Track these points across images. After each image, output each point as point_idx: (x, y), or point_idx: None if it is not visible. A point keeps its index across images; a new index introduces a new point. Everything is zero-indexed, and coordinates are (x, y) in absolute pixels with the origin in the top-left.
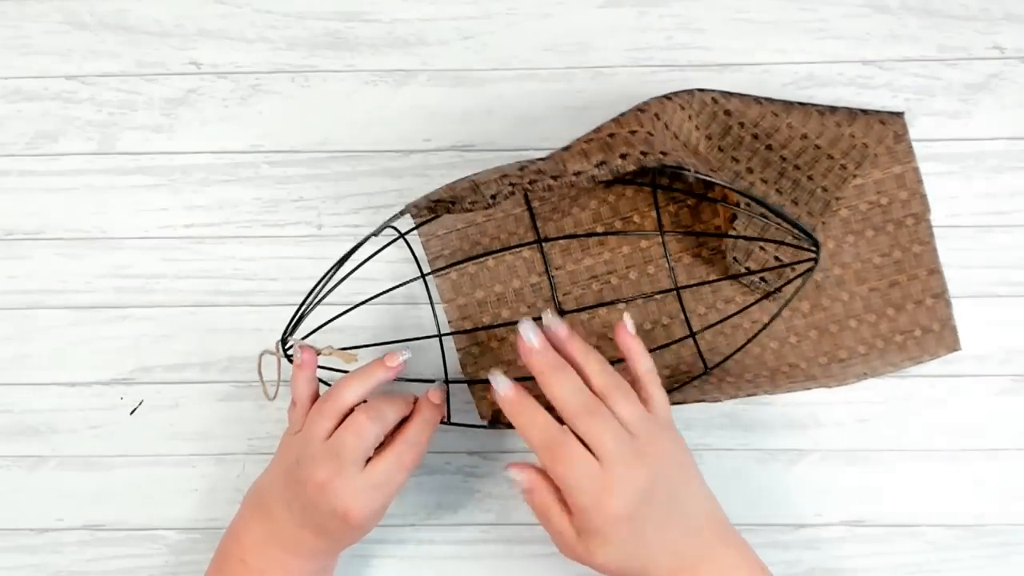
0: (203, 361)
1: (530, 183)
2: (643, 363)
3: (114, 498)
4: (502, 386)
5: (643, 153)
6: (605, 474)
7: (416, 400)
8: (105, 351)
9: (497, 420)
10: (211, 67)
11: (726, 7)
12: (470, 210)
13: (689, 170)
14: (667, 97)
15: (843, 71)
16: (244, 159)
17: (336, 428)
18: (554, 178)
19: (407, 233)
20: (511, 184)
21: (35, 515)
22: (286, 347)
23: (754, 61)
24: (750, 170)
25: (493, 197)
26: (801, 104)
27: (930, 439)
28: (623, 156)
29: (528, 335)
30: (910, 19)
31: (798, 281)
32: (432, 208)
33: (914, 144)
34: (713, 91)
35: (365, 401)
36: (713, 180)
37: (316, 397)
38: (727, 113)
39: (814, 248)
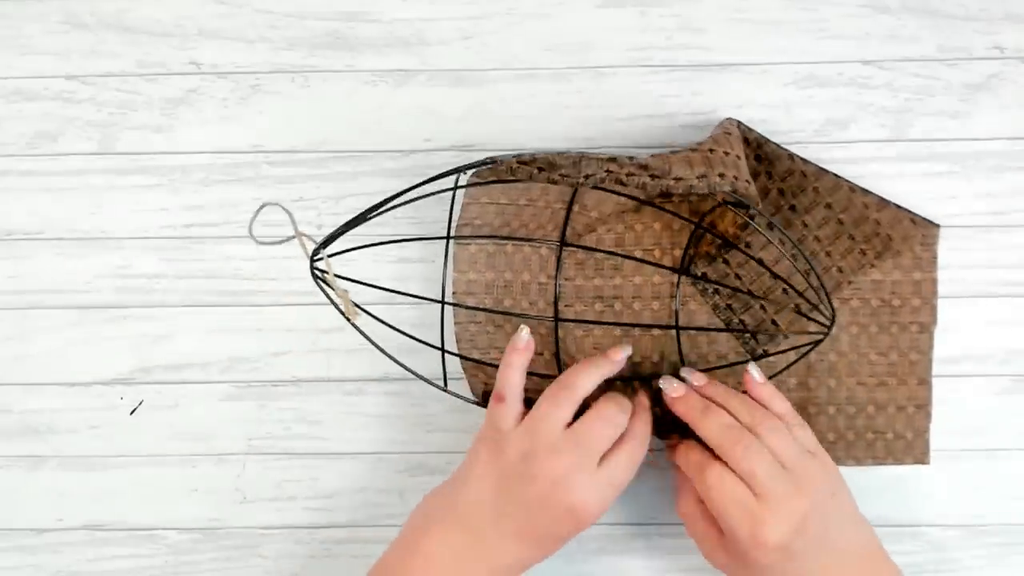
0: (203, 361)
1: (627, 175)
2: (780, 405)
3: (114, 498)
4: (675, 389)
5: (735, 178)
6: (760, 505)
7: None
8: (105, 351)
9: (486, 397)
10: (211, 67)
11: (726, 7)
12: (555, 181)
13: (758, 209)
14: (730, 120)
15: (843, 71)
16: (244, 159)
17: (573, 419)
18: (653, 176)
19: (461, 187)
20: (608, 170)
21: (35, 515)
22: (315, 259)
23: (754, 61)
24: (771, 227)
25: (587, 176)
26: (836, 175)
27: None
28: (721, 175)
29: (669, 385)
30: (910, 19)
31: (794, 353)
32: (525, 163)
33: (914, 144)
34: (753, 130)
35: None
36: (774, 224)
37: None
38: (759, 159)
39: (828, 324)
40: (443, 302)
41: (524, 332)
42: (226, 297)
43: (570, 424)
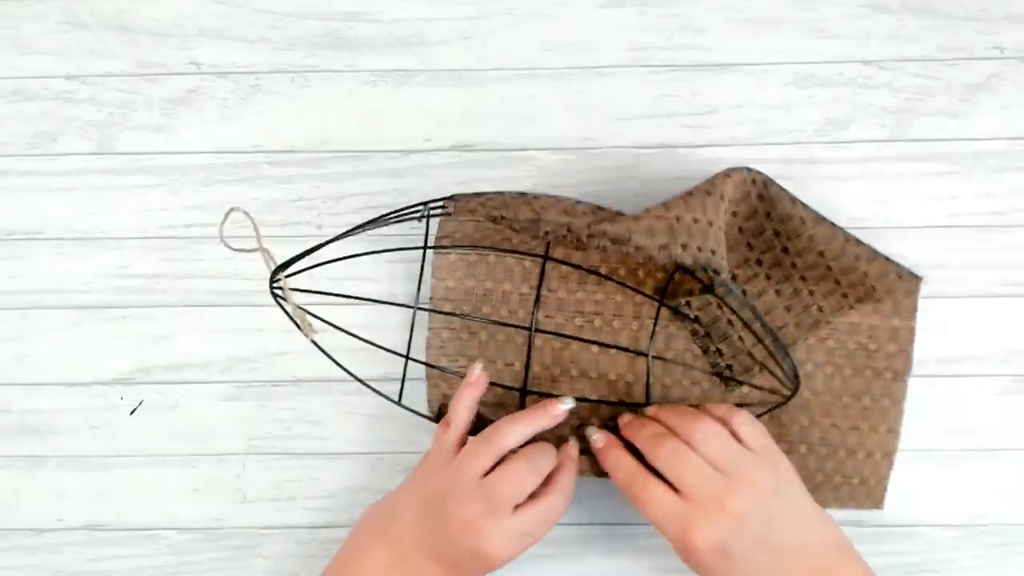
0: (203, 361)
1: (588, 236)
2: (719, 408)
3: (114, 498)
4: (598, 440)
5: (699, 248)
6: (689, 508)
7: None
8: (105, 351)
9: (441, 414)
10: (211, 67)
11: (726, 7)
12: (516, 230)
13: (723, 280)
14: (727, 174)
15: (843, 71)
16: (244, 159)
17: (492, 469)
18: (613, 241)
19: (432, 216)
20: (569, 230)
21: (35, 515)
22: (273, 283)
23: (754, 61)
24: (760, 262)
25: (547, 233)
26: (832, 224)
27: (930, 439)
28: (684, 246)
29: (592, 436)
30: (910, 19)
31: (759, 407)
32: (490, 217)
33: (914, 144)
34: (762, 174)
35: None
36: (734, 290)
37: (472, 423)
38: (761, 198)
39: (790, 390)
40: (416, 307)
41: (477, 367)
42: (226, 297)
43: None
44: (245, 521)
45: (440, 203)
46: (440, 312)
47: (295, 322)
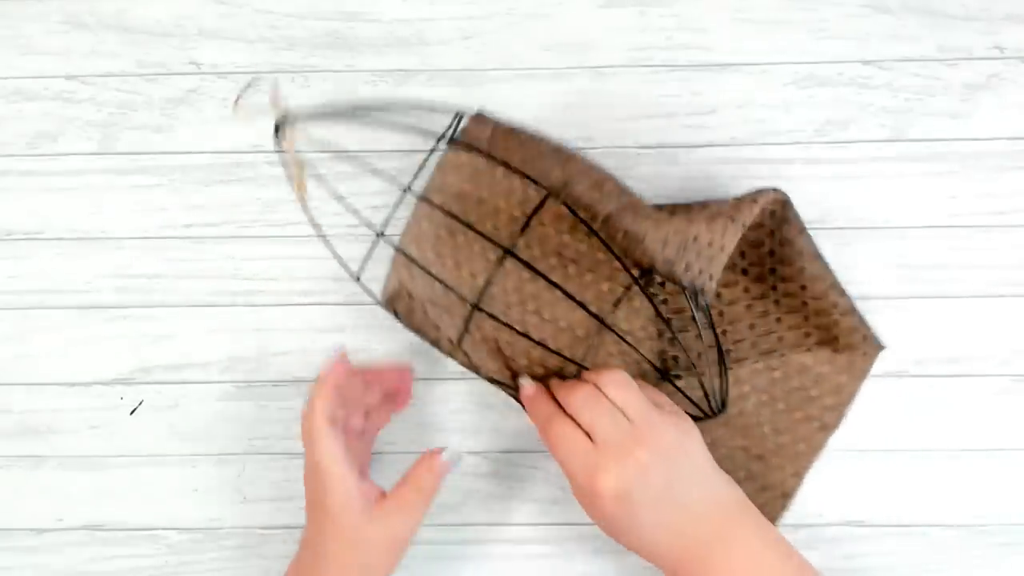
0: (203, 361)
1: (604, 219)
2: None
3: (114, 498)
4: (527, 388)
5: (700, 271)
6: (598, 453)
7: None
8: (105, 351)
9: (392, 301)
10: (211, 67)
11: (726, 7)
12: (536, 183)
13: (703, 306)
14: (754, 199)
15: (843, 71)
16: (244, 159)
17: None
18: (626, 235)
19: (457, 130)
20: (587, 210)
21: (35, 515)
22: (277, 125)
23: (754, 61)
24: (745, 271)
25: (567, 194)
26: (826, 267)
27: (930, 439)
28: (687, 267)
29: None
30: (910, 19)
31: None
32: (513, 165)
33: (914, 144)
34: (785, 196)
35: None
36: (703, 317)
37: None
38: (773, 215)
39: (710, 412)
40: (407, 189)
41: (335, 356)
42: (226, 297)
43: None
44: (245, 521)
45: (476, 115)
46: (428, 202)
47: (290, 178)
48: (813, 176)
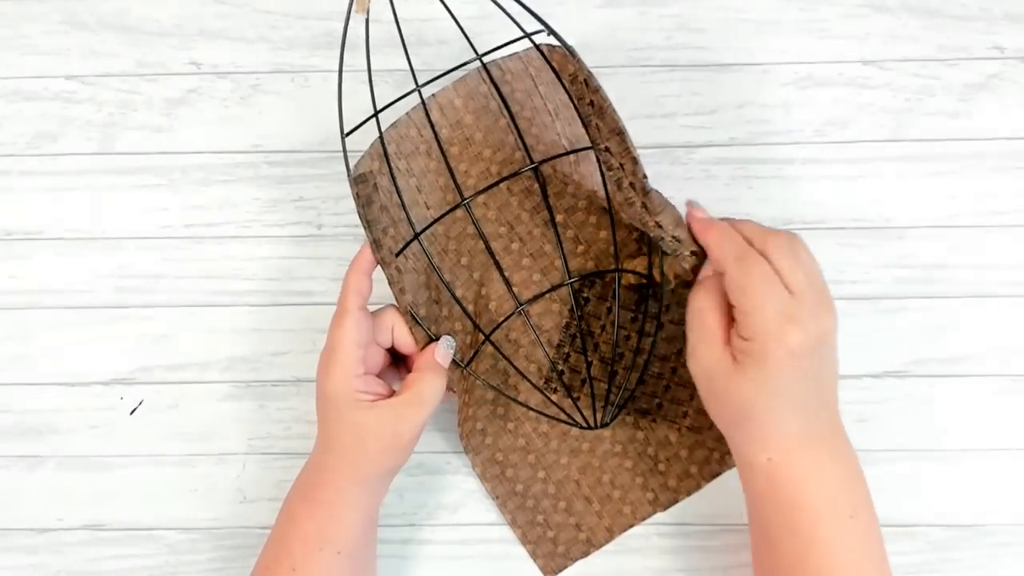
0: (203, 361)
1: (629, 184)
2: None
3: (114, 498)
4: (697, 210)
5: (692, 252)
6: (796, 303)
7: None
8: (105, 351)
9: (359, 181)
10: (211, 67)
11: (726, 7)
12: (589, 125)
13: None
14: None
15: (843, 71)
16: (244, 159)
17: None
18: (643, 206)
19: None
20: (622, 168)
21: (35, 515)
22: None
23: (754, 61)
24: (660, 312)
25: (605, 149)
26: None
27: (930, 439)
28: (693, 253)
29: (693, 206)
30: (910, 19)
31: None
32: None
33: (914, 144)
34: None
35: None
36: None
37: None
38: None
39: (586, 425)
40: (417, 88)
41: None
42: (226, 297)
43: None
44: (245, 521)
45: (569, 47)
46: (426, 114)
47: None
48: (813, 176)
